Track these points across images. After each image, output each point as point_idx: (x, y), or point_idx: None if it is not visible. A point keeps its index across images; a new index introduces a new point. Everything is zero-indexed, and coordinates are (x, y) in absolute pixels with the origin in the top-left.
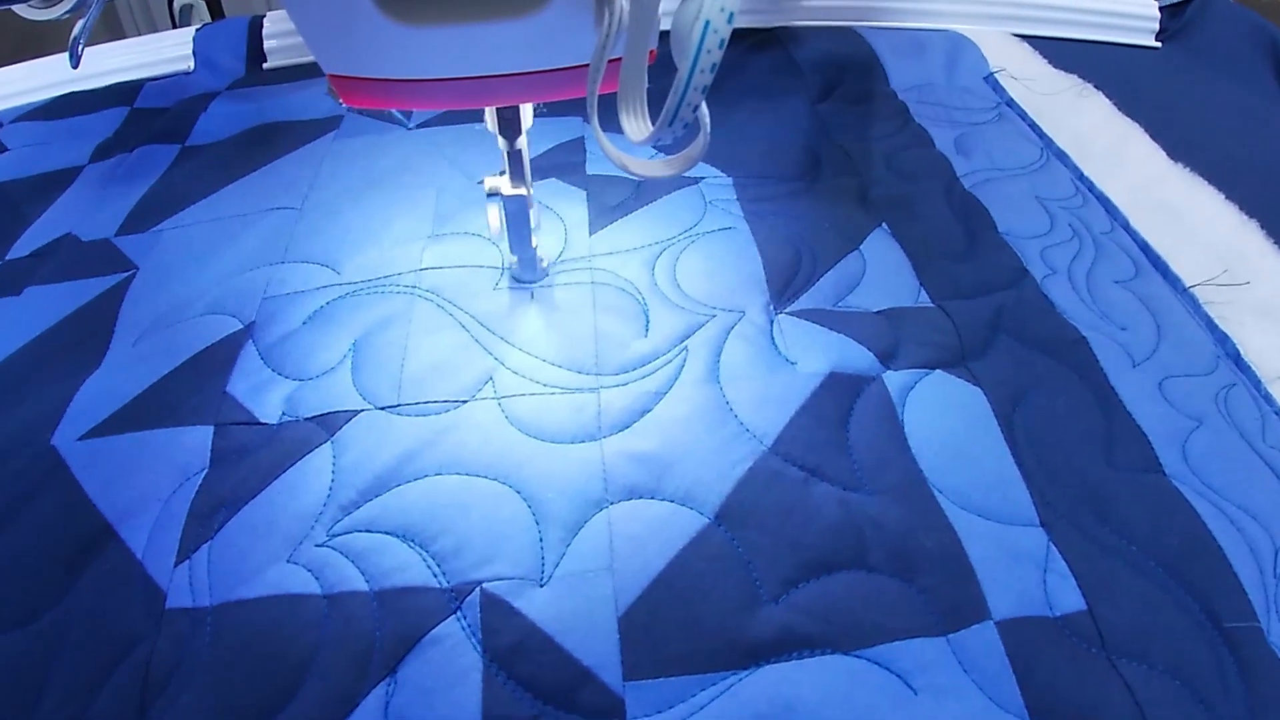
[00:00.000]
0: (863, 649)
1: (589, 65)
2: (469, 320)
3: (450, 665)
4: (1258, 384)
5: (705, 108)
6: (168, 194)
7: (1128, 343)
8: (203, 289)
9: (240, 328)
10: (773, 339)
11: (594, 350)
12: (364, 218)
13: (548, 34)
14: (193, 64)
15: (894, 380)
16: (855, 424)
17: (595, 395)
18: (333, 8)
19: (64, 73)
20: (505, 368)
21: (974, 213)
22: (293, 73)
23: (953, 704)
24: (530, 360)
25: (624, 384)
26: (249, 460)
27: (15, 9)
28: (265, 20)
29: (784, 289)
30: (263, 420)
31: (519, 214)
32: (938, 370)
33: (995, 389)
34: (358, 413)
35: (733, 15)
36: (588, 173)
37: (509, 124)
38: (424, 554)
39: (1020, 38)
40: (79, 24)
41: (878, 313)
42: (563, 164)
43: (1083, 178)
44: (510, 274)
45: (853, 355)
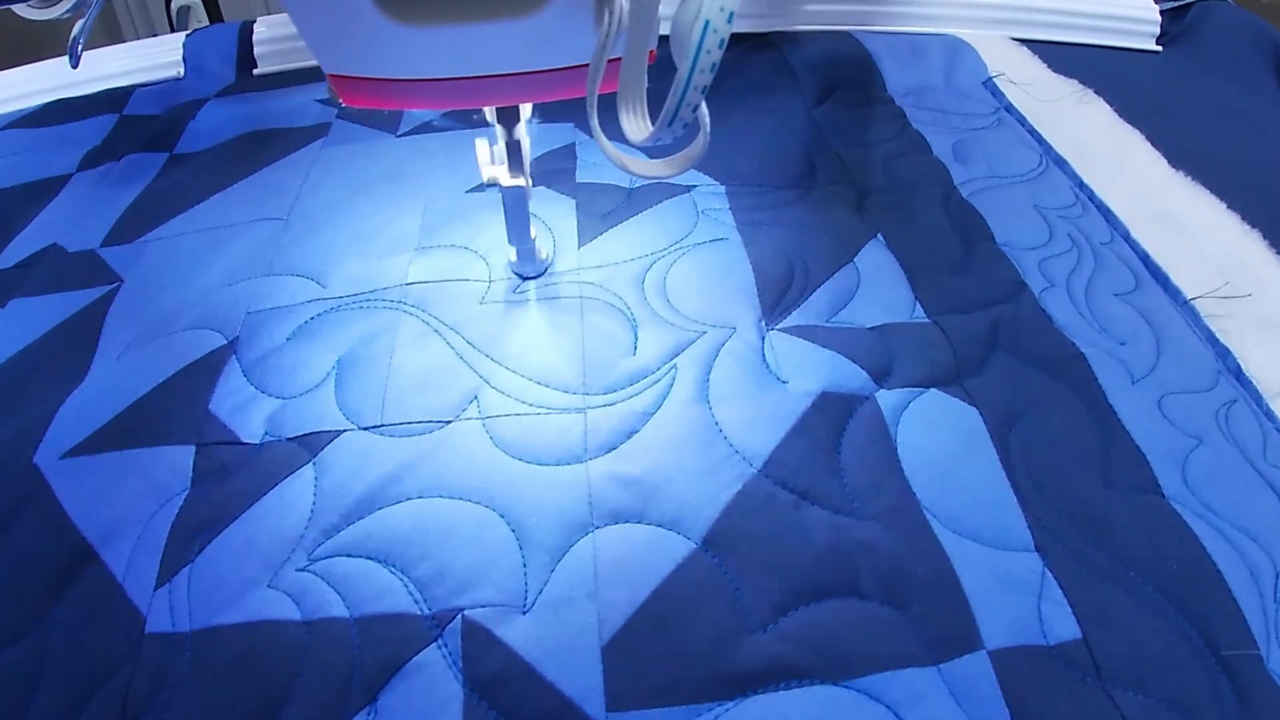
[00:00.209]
0: (852, 679)
1: (588, 65)
2: (454, 337)
3: (431, 694)
4: (1259, 400)
5: (705, 107)
6: (154, 203)
7: (1127, 358)
8: (187, 303)
9: (224, 343)
10: (764, 357)
11: (581, 369)
12: (350, 229)
13: (547, 34)
14: (183, 70)
15: (887, 400)
16: (847, 445)
17: (582, 416)
18: (333, 8)
19: (54, 79)
20: (491, 386)
21: (971, 222)
22: (283, 78)
23: None
24: (516, 379)
25: (611, 404)
26: (230, 481)
27: (14, 9)
28: (256, 26)
29: (776, 304)
30: (245, 440)
31: (518, 205)
32: (932, 389)
33: (991, 408)
34: (340, 433)
35: (733, 15)
36: (577, 180)
37: (507, 113)
38: (405, 580)
39: (1020, 42)
40: (78, 24)
41: (871, 329)
42: (552, 171)
43: (1082, 186)
44: (510, 267)
45: (845, 374)
